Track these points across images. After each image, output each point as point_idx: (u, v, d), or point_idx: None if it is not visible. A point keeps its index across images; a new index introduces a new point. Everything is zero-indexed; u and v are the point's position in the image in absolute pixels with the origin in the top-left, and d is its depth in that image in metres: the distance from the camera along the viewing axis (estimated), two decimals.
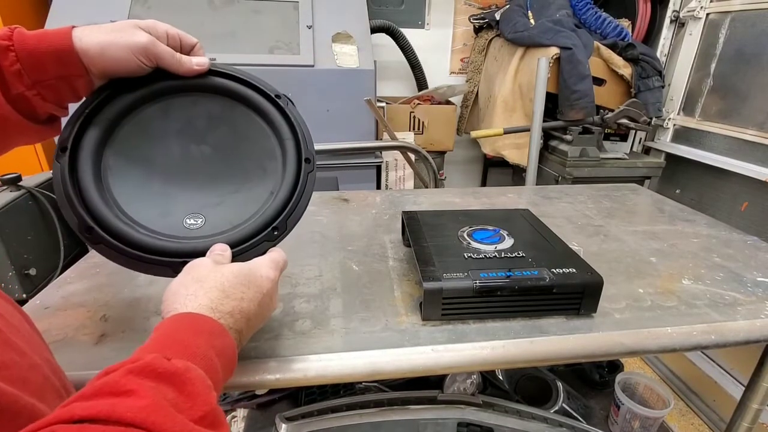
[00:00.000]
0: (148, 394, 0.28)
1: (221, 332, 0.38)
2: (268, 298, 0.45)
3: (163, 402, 0.28)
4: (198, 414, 0.30)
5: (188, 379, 0.31)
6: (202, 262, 0.43)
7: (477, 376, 0.89)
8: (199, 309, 0.38)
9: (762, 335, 0.56)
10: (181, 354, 0.33)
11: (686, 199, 1.91)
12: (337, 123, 1.61)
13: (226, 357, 0.37)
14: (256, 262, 0.46)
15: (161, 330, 0.36)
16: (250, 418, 0.94)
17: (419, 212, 0.74)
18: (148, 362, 0.30)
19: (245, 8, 1.57)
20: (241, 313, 0.41)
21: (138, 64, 0.46)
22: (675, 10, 1.89)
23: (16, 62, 0.42)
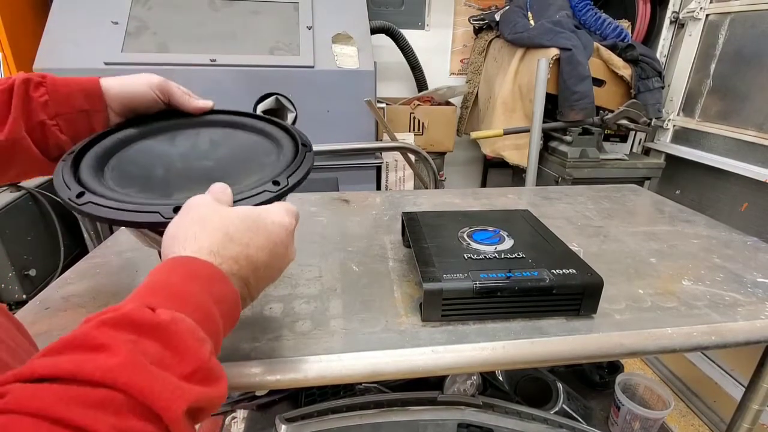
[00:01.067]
0: (122, 349, 0.25)
1: (221, 278, 0.35)
2: (282, 248, 0.41)
3: (139, 358, 0.25)
4: (187, 370, 0.28)
5: (174, 332, 0.28)
6: (203, 200, 0.39)
7: (477, 377, 0.89)
8: (199, 253, 0.35)
9: (762, 336, 0.56)
10: (169, 303, 0.30)
11: (686, 200, 1.91)
12: (337, 124, 1.61)
13: (226, 305, 0.34)
14: (266, 207, 0.41)
15: (152, 277, 0.33)
16: (250, 419, 0.94)
17: (419, 213, 0.74)
18: (125, 313, 0.27)
19: (245, 9, 1.57)
20: (248, 260, 0.37)
21: (153, 97, 0.52)
22: (674, 11, 1.89)
23: (45, 94, 0.47)
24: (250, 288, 0.38)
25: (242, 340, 0.50)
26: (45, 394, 0.22)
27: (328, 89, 1.57)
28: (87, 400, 0.23)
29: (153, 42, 1.47)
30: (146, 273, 0.54)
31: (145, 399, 0.24)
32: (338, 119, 1.61)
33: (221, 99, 1.57)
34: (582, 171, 1.78)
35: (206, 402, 0.29)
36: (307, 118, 1.58)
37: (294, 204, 1.01)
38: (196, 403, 0.27)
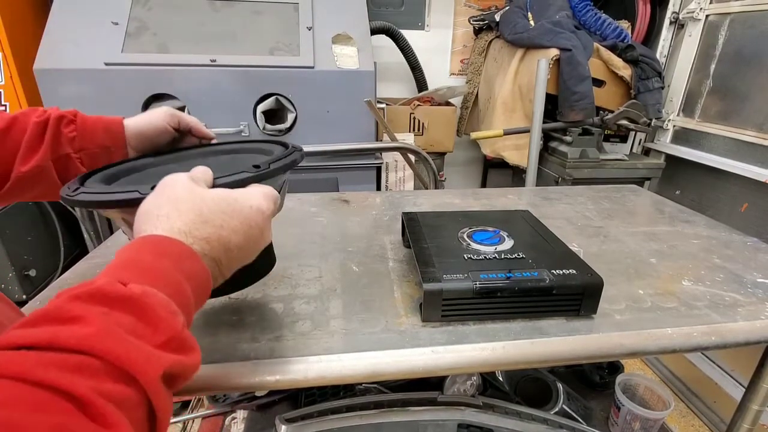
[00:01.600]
0: (96, 320, 0.26)
1: (191, 255, 0.35)
2: (257, 231, 0.41)
3: (114, 328, 0.26)
4: (161, 340, 0.28)
5: (147, 305, 0.29)
6: (179, 179, 0.39)
7: (477, 377, 0.89)
8: (170, 232, 0.35)
9: (762, 336, 0.56)
10: (140, 278, 0.30)
11: (686, 200, 1.91)
12: (337, 124, 1.61)
13: (197, 281, 0.34)
14: (244, 191, 0.41)
15: (122, 254, 0.33)
16: (250, 420, 0.94)
17: (419, 213, 0.74)
18: (98, 287, 0.28)
19: (245, 9, 1.57)
20: (219, 241, 0.37)
21: (164, 126, 0.58)
22: (674, 11, 1.89)
23: (74, 131, 0.53)
24: (221, 267, 0.38)
25: (242, 340, 0.50)
26: (23, 360, 0.23)
27: (328, 89, 1.57)
28: (65, 365, 0.23)
29: (153, 42, 1.47)
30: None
31: (122, 364, 0.25)
32: (338, 119, 1.61)
33: (221, 99, 1.57)
34: (582, 171, 1.78)
35: (181, 369, 0.30)
36: (307, 119, 1.58)
37: (294, 204, 1.01)
38: (171, 369, 0.29)
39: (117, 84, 1.42)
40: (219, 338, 0.50)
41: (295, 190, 1.04)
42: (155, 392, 0.27)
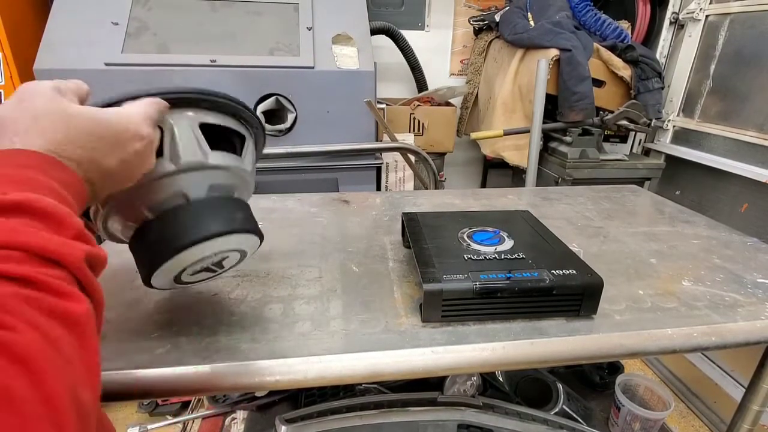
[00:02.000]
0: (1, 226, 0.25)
1: (62, 167, 0.32)
2: (138, 159, 0.37)
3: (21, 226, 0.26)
4: (70, 234, 0.28)
5: (40, 207, 0.27)
6: (40, 88, 0.34)
7: (477, 377, 0.89)
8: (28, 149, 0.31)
9: (762, 336, 0.56)
10: (17, 187, 0.28)
11: (686, 201, 1.91)
12: (337, 124, 1.61)
13: (74, 191, 0.32)
14: (121, 112, 0.37)
15: None
16: (249, 420, 0.94)
17: (419, 213, 0.74)
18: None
19: (245, 9, 1.58)
20: (91, 163, 0.34)
21: None
22: (674, 11, 1.89)
23: None
24: (95, 189, 0.36)
25: (242, 340, 0.50)
26: None
27: (328, 90, 1.57)
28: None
29: (153, 43, 1.47)
30: None
31: (43, 252, 0.26)
32: (338, 120, 1.61)
33: None
34: (582, 171, 1.78)
35: (96, 258, 0.30)
36: (307, 119, 1.58)
37: (294, 205, 1.01)
38: (89, 257, 0.29)
39: (117, 84, 1.42)
40: (219, 338, 0.50)
41: (295, 190, 1.04)
42: (84, 274, 0.28)
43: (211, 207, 0.46)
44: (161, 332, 0.51)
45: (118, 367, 0.45)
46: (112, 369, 0.45)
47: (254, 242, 0.51)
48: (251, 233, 0.49)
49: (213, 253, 0.46)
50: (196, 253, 0.44)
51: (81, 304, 0.27)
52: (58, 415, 0.22)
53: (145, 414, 1.58)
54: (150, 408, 1.59)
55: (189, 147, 0.44)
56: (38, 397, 0.21)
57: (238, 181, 0.49)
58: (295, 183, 1.66)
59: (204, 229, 0.44)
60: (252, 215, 0.50)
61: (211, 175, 0.46)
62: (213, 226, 0.44)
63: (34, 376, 0.22)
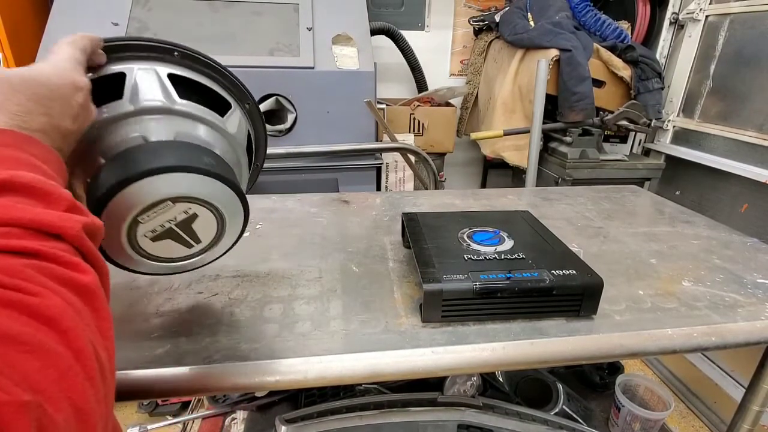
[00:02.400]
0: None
1: (34, 141, 0.31)
2: (84, 111, 0.36)
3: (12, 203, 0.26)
4: (62, 208, 0.28)
5: (27, 184, 0.27)
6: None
7: (477, 378, 0.89)
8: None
9: (762, 337, 0.56)
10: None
11: (686, 201, 1.91)
12: (337, 124, 1.61)
13: (53, 164, 0.31)
14: (54, 65, 0.35)
15: None
16: (249, 420, 0.94)
17: (419, 214, 0.74)
18: None
19: (245, 10, 1.57)
20: (53, 130, 0.33)
21: None
22: (674, 12, 1.89)
23: None
24: (64, 155, 0.35)
25: (242, 340, 0.50)
26: None
27: (328, 90, 1.57)
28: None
29: None
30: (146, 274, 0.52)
31: (41, 226, 0.26)
32: (338, 120, 1.61)
33: None
34: (582, 172, 1.78)
35: (93, 229, 0.30)
36: (307, 119, 1.58)
37: (294, 205, 1.01)
38: (86, 228, 0.29)
39: None
40: (219, 338, 0.50)
41: (295, 191, 1.04)
42: (85, 245, 0.28)
43: (172, 146, 0.41)
44: (161, 332, 0.51)
45: (118, 367, 0.45)
46: None
47: (231, 201, 0.43)
48: (223, 182, 0.41)
49: (169, 195, 0.39)
50: (147, 191, 0.38)
51: (88, 275, 0.27)
52: (88, 370, 0.24)
53: (145, 414, 1.58)
54: (150, 408, 1.58)
55: (151, 90, 0.41)
56: (70, 352, 0.23)
57: (221, 144, 0.45)
58: (295, 183, 1.66)
59: (157, 161, 0.38)
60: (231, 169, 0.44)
61: (177, 122, 0.43)
62: (168, 159, 0.39)
63: (64, 334, 0.23)
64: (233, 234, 0.47)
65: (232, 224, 0.45)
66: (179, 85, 0.44)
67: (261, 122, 0.54)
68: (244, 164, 0.51)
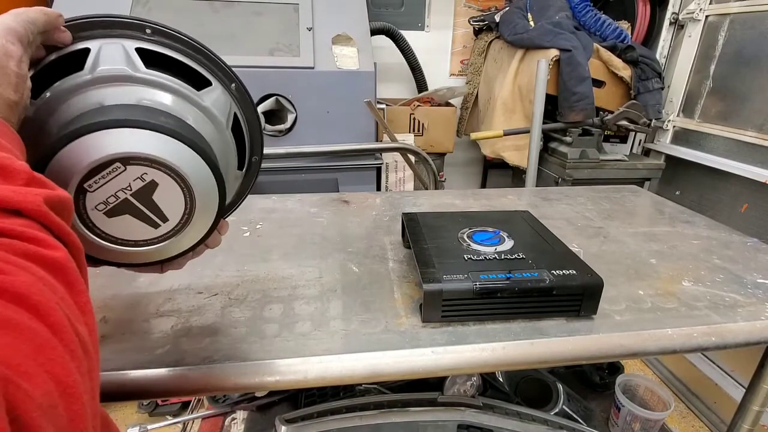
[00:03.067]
0: None
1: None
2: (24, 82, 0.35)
3: None
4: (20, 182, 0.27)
5: None
6: None
7: (477, 378, 0.89)
8: None
9: (762, 337, 0.56)
10: None
11: (686, 201, 1.91)
12: (337, 124, 1.61)
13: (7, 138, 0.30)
14: None
15: None
16: (249, 420, 0.94)
17: (419, 214, 0.74)
18: None
19: (245, 10, 1.58)
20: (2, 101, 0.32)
21: None
22: (674, 12, 1.89)
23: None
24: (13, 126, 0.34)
25: (242, 341, 0.50)
26: None
27: (328, 90, 1.57)
28: None
29: None
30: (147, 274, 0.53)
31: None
32: (338, 120, 1.61)
33: None
34: (582, 172, 1.78)
35: (57, 201, 0.28)
36: (307, 119, 1.58)
37: (294, 205, 1.01)
38: (49, 201, 0.27)
39: None
40: (219, 338, 0.50)
41: (295, 191, 1.04)
42: (50, 220, 0.26)
43: (128, 108, 0.38)
44: (161, 332, 0.51)
45: (118, 367, 0.45)
46: (112, 369, 0.45)
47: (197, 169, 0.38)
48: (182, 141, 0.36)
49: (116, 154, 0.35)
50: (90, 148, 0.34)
51: (57, 250, 0.26)
52: (67, 343, 0.23)
53: (145, 414, 1.58)
54: (150, 408, 1.58)
55: (113, 60, 0.39)
56: (45, 327, 0.22)
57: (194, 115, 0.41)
58: (295, 183, 1.66)
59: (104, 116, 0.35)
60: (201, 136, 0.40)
61: (141, 90, 0.39)
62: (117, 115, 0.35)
63: (35, 309, 0.22)
64: (208, 214, 0.41)
65: (205, 200, 0.39)
66: (151, 63, 0.40)
67: (251, 107, 0.49)
68: (231, 144, 0.46)
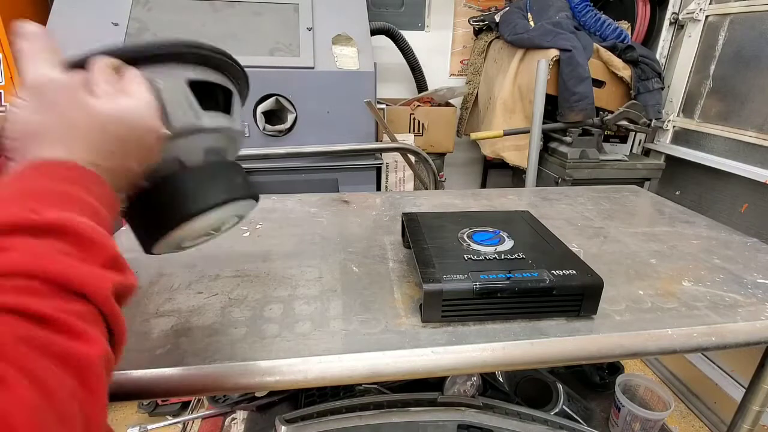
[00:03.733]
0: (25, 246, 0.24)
1: (97, 180, 0.31)
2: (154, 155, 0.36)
3: (50, 250, 0.25)
4: (99, 261, 0.27)
5: (73, 229, 0.27)
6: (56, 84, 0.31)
7: (477, 378, 0.89)
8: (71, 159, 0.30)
9: (762, 337, 0.56)
10: (56, 204, 0.27)
11: (686, 201, 1.91)
12: (337, 125, 1.61)
13: (110, 206, 0.31)
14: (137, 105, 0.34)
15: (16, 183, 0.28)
16: (249, 420, 0.94)
17: (419, 214, 0.74)
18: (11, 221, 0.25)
19: (245, 10, 1.58)
20: (123, 171, 0.33)
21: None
22: (674, 12, 1.89)
23: None
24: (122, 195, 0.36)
25: (242, 341, 0.50)
26: None
27: (328, 90, 1.57)
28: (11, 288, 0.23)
29: None
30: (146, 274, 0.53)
31: (66, 282, 0.25)
32: (338, 120, 1.61)
33: None
34: (582, 172, 1.78)
35: (124, 289, 0.29)
36: (307, 119, 1.58)
37: (294, 205, 1.01)
38: (117, 288, 0.28)
39: None
40: (219, 339, 0.50)
41: (295, 191, 1.04)
42: (109, 308, 0.26)
43: (211, 174, 0.43)
44: (161, 332, 0.51)
45: (118, 367, 0.45)
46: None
47: (253, 205, 0.49)
48: (252, 198, 0.47)
49: (216, 221, 0.44)
50: (200, 224, 0.42)
51: (94, 346, 0.25)
52: None
53: (145, 414, 1.58)
54: (150, 408, 1.58)
55: (180, 109, 0.40)
56: None
57: (230, 143, 0.48)
58: (295, 183, 1.66)
59: (208, 199, 0.41)
60: (248, 177, 0.47)
61: (205, 138, 0.43)
62: (216, 195, 0.42)
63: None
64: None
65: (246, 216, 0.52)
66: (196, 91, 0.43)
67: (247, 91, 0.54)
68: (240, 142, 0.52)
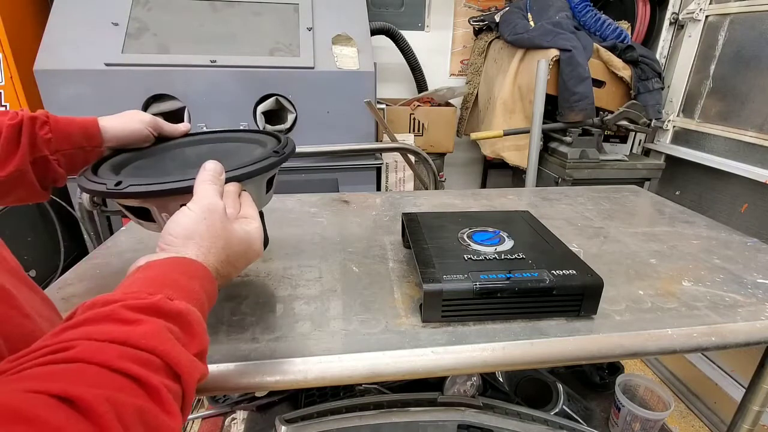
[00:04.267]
0: (156, 326, 0.31)
1: (212, 281, 0.41)
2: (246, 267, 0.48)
3: (169, 335, 0.32)
4: (195, 350, 0.34)
5: (189, 321, 0.34)
6: (218, 209, 0.43)
7: (477, 378, 0.89)
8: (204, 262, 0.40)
9: (762, 337, 0.56)
10: (181, 296, 0.36)
11: (686, 201, 1.91)
12: (337, 125, 1.61)
13: (211, 302, 0.41)
14: (253, 233, 0.46)
15: (158, 268, 0.38)
16: (250, 420, 0.94)
17: (419, 214, 0.74)
18: (155, 302, 0.33)
19: (245, 10, 1.58)
20: (230, 276, 0.45)
21: (147, 133, 0.61)
22: (674, 12, 1.89)
23: (49, 132, 0.53)
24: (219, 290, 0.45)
25: (242, 341, 0.50)
26: (107, 350, 0.28)
27: (328, 90, 1.57)
28: (137, 359, 0.29)
29: (153, 43, 1.47)
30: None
31: (174, 365, 0.31)
32: (338, 120, 1.61)
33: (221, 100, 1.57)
34: (582, 172, 1.78)
35: (203, 379, 0.36)
36: (307, 119, 1.58)
37: (294, 205, 1.01)
38: (202, 378, 0.35)
39: (117, 85, 1.42)
40: (219, 338, 0.50)
41: (295, 191, 1.04)
42: (191, 392, 0.33)
43: None
44: None
45: None
46: None
47: None
48: None
49: None
50: None
51: (176, 420, 0.30)
52: None
53: None
54: None
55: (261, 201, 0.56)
56: None
57: None
58: (295, 183, 1.66)
59: None
60: None
61: None
62: None
63: None
64: None
65: None
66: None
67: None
68: None
